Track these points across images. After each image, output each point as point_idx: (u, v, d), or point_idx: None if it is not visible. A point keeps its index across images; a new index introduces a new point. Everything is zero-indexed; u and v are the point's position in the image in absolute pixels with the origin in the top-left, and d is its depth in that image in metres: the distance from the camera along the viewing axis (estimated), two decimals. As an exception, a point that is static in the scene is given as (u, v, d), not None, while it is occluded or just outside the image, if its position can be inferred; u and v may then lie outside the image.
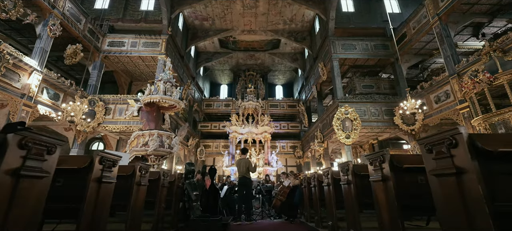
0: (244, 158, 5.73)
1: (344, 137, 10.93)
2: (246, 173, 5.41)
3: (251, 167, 5.57)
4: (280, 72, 24.12)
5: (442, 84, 9.31)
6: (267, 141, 17.63)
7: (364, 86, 13.13)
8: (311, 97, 17.75)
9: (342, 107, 11.13)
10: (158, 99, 10.00)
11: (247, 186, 5.42)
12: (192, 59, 18.94)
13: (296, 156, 20.14)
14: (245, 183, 5.39)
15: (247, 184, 5.45)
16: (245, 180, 5.40)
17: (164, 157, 10.19)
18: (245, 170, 5.43)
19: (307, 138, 18.21)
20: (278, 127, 20.46)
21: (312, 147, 15.73)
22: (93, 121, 10.73)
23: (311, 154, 17.35)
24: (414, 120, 10.69)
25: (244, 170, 5.44)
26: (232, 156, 17.42)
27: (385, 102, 11.61)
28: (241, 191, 5.44)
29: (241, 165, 5.55)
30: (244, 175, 5.42)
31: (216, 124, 21.15)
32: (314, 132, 15.50)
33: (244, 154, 6.03)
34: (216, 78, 25.23)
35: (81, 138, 10.70)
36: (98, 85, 11.86)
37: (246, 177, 5.40)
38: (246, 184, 5.41)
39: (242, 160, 5.67)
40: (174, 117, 13.98)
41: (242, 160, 5.70)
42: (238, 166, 5.63)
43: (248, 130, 18.00)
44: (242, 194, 5.41)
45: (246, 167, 5.45)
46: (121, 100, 11.36)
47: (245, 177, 5.40)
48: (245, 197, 5.36)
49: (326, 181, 4.27)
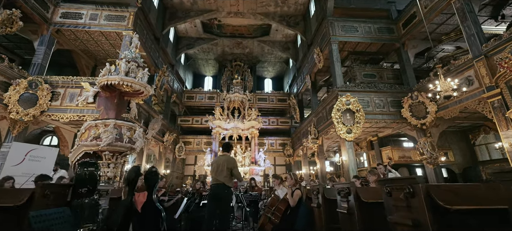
0: (226, 156, 3.73)
1: (345, 131, 9.26)
2: (227, 179, 3.40)
3: (236, 170, 3.56)
4: (269, 64, 22.32)
5: (463, 69, 7.80)
6: (254, 138, 15.81)
7: (365, 75, 11.55)
8: (304, 89, 16.07)
9: (343, 97, 9.45)
10: (118, 81, 7.91)
11: (224, 200, 3.32)
12: (171, 44, 16.74)
13: (286, 154, 18.46)
14: (221, 196, 3.30)
15: (225, 198, 3.36)
16: (223, 190, 3.33)
17: (124, 153, 8.09)
18: (226, 175, 3.40)
19: (299, 134, 16.54)
20: (266, 122, 18.67)
21: (305, 144, 14.05)
22: (34, 108, 8.43)
23: (303, 152, 15.69)
24: (426, 112, 9.18)
25: (225, 173, 3.41)
26: (215, 153, 15.48)
27: (391, 93, 10.05)
28: (212, 208, 3.32)
29: (220, 165, 3.51)
30: (222, 183, 3.37)
31: (198, 118, 19.07)
32: (307, 127, 13.82)
33: (227, 151, 3.89)
34: (199, 68, 23.07)
35: (17, 129, 8.40)
36: (45, 65, 9.52)
37: (225, 185, 3.37)
38: (223, 198, 3.32)
39: (223, 158, 3.63)
40: (145, 107, 11.84)
41: (222, 158, 3.66)
42: (216, 167, 3.56)
43: (234, 125, 16.11)
44: (214, 212, 3.31)
45: (228, 169, 3.46)
46: (72, 83, 9.12)
47: (224, 185, 3.36)
48: (221, 219, 3.26)
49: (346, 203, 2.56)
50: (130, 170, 2.53)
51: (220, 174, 3.42)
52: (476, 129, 12.41)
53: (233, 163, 3.61)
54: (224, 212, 3.33)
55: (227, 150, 3.94)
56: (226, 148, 4.00)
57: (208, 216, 3.31)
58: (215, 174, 3.48)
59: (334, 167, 19.25)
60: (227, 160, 3.58)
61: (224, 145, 4.02)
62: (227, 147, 4.01)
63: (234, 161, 3.70)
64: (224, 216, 3.33)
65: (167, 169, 17.17)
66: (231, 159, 3.71)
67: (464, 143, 13.22)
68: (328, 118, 10.87)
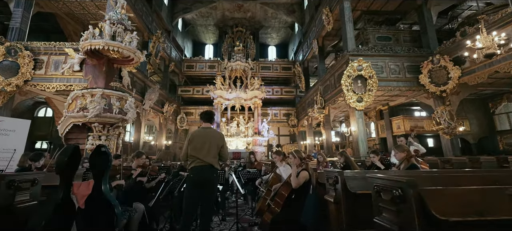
0: (212, 130, 2.86)
1: (355, 100, 8.45)
2: (216, 161, 2.65)
3: (226, 149, 2.78)
4: (273, 30, 20.84)
5: (500, 25, 6.67)
6: (258, 108, 15.12)
7: (379, 38, 10.39)
8: (310, 56, 14.95)
9: (354, 62, 8.48)
10: (102, 45, 7.11)
11: (211, 186, 2.56)
12: (166, 7, 15.43)
13: (290, 125, 17.87)
14: (208, 181, 2.54)
15: (213, 183, 2.60)
16: (211, 174, 2.57)
17: (115, 125, 7.53)
18: (215, 154, 2.65)
19: (304, 104, 15.77)
20: (270, 92, 17.84)
21: (310, 114, 13.34)
22: (16, 77, 7.76)
23: (308, 122, 15.06)
24: (447, 78, 8.22)
25: (214, 153, 2.64)
26: (217, 124, 14.97)
27: (408, 56, 9.01)
28: (195, 198, 2.52)
29: (206, 142, 2.67)
30: (210, 164, 2.58)
31: (199, 89, 18.32)
32: (313, 96, 13.00)
33: (209, 122, 2.90)
34: (199, 36, 21.75)
35: (1, 100, 7.81)
36: (25, 29, 8.63)
37: (214, 167, 2.60)
38: (211, 183, 2.56)
39: (210, 133, 2.78)
40: (139, 76, 11.08)
41: (208, 133, 2.78)
42: (200, 144, 2.65)
43: (236, 95, 15.36)
44: (196, 203, 2.54)
45: (218, 148, 2.70)
46: (56, 50, 8.32)
47: (212, 167, 2.59)
48: (204, 211, 2.52)
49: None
50: (60, 151, 1.87)
51: (207, 154, 2.59)
52: (498, 97, 11.42)
53: (223, 139, 2.80)
54: (209, 201, 2.55)
55: (209, 120, 2.91)
56: (208, 117, 2.91)
57: (188, 208, 2.46)
58: (199, 153, 2.57)
59: (341, 137, 18.71)
60: (215, 135, 2.75)
61: (205, 114, 2.92)
62: (209, 116, 2.92)
63: (223, 136, 2.87)
64: (208, 207, 2.53)
65: (169, 140, 16.88)
66: (219, 134, 2.86)
67: (481, 111, 12.32)
68: (336, 85, 10.01)
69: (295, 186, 2.42)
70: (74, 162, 1.87)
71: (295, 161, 2.59)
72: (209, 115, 2.95)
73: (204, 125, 2.91)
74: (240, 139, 14.99)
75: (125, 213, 2.41)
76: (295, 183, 2.43)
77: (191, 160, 2.65)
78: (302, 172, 2.51)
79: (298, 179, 2.45)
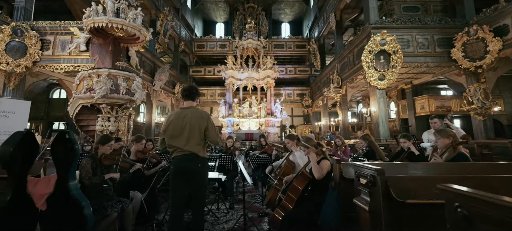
0: (194, 109, 2.25)
1: (377, 78, 7.73)
2: (200, 148, 2.11)
3: (213, 131, 2.17)
4: (287, 4, 19.67)
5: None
6: (270, 88, 14.57)
7: (405, 8, 9.34)
8: (327, 31, 13.97)
9: (377, 35, 7.66)
10: (105, 23, 6.78)
11: (197, 179, 2.06)
12: (174, -17, 14.73)
13: (304, 105, 17.26)
14: (192, 173, 2.04)
15: (198, 175, 2.07)
16: (195, 164, 2.06)
17: (124, 106, 7.35)
18: (198, 140, 2.11)
19: (319, 83, 15.03)
20: (283, 71, 17.15)
21: (326, 93, 12.67)
22: (24, 58, 7.65)
23: (323, 102, 14.39)
24: (485, 51, 7.27)
25: (196, 139, 2.10)
26: (229, 105, 14.67)
27: (440, 28, 8.04)
28: (180, 191, 2.05)
29: (186, 124, 2.13)
30: (193, 153, 2.07)
31: (210, 69, 17.92)
32: (329, 75, 12.25)
33: (191, 99, 2.30)
34: (209, 14, 20.99)
35: (13, 82, 7.80)
36: (30, 9, 8.42)
37: (198, 156, 2.08)
38: (196, 175, 2.05)
39: (190, 114, 2.18)
40: (148, 56, 10.77)
41: (189, 113, 2.18)
42: (178, 129, 2.12)
43: (248, 75, 14.82)
44: (182, 198, 2.05)
45: (198, 131, 2.12)
46: (61, 29, 8.09)
47: (195, 156, 2.07)
48: (193, 207, 2.06)
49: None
50: (6, 140, 1.55)
51: (188, 141, 2.05)
52: (540, 73, 10.17)
53: (207, 120, 2.16)
54: (197, 199, 2.04)
55: (190, 96, 2.27)
56: (190, 94, 2.27)
57: (174, 205, 2.03)
58: (177, 141, 2.05)
59: (358, 118, 17.91)
60: (195, 116, 2.11)
61: (184, 90, 2.28)
62: (188, 92, 2.27)
63: (208, 116, 2.21)
64: (197, 204, 2.04)
65: (181, 122, 16.87)
66: (201, 113, 2.18)
67: (518, 90, 11.13)
68: (355, 62, 9.25)
69: (318, 176, 1.98)
70: (27, 152, 1.54)
71: (310, 151, 2.15)
72: (189, 91, 2.26)
73: (184, 104, 2.27)
74: (253, 120, 14.65)
75: (116, 205, 2.13)
76: (318, 174, 1.99)
77: (171, 150, 2.13)
78: (323, 161, 2.07)
79: (321, 168, 2.01)
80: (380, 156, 3.31)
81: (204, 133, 2.14)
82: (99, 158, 2.27)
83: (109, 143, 2.34)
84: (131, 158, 2.83)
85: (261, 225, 2.82)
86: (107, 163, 2.28)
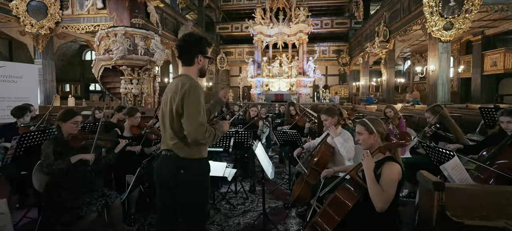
0: (177, 78, 1.35)
1: (441, 27, 6.07)
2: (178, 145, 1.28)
3: (190, 118, 1.23)
4: None
5: None
6: (303, 44, 13.12)
7: None
8: (374, -28, 11.56)
9: (448, -31, 5.80)
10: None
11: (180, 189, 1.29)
12: None
13: (341, 63, 15.55)
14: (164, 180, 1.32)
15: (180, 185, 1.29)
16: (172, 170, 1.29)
17: (144, 68, 6.96)
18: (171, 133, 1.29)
19: (360, 37, 13.10)
20: (318, 24, 15.25)
21: (368, 49, 10.96)
22: (46, 18, 7.47)
23: (363, 60, 12.66)
24: None
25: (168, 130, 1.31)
26: (258, 64, 13.72)
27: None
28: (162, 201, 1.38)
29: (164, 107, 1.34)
30: (170, 151, 1.31)
31: (237, 25, 16.69)
32: (374, 26, 10.40)
33: (185, 61, 1.36)
34: (236, -39, 18.85)
35: (41, 44, 7.80)
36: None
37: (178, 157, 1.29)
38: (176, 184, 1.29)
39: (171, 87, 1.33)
40: (170, 12, 10.02)
41: (172, 86, 1.33)
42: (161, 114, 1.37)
43: (278, 30, 13.41)
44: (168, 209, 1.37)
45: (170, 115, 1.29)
46: (78, -15, 7.60)
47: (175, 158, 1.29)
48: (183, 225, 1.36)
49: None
50: None
51: (164, 130, 1.37)
52: None
53: (181, 94, 1.24)
54: (188, 216, 1.36)
55: (184, 56, 1.37)
56: (182, 51, 1.38)
57: (161, 209, 1.42)
58: (162, 129, 1.40)
59: (406, 77, 15.74)
60: (171, 89, 1.32)
61: (178, 45, 1.38)
62: (182, 49, 1.37)
63: (188, 88, 1.25)
64: (189, 223, 1.35)
65: (209, 82, 16.55)
66: (179, 84, 1.29)
67: None
68: (411, 9, 7.49)
69: (380, 207, 1.15)
70: None
71: (370, 138, 1.32)
72: (179, 47, 1.37)
73: (181, 70, 1.42)
74: (283, 80, 13.65)
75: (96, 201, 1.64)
76: (384, 200, 1.16)
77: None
78: (391, 166, 1.22)
79: (385, 186, 1.17)
80: (458, 137, 2.34)
81: (174, 116, 1.27)
82: (66, 139, 1.75)
83: (72, 119, 1.73)
84: (124, 134, 2.33)
85: (286, 224, 2.19)
86: (76, 144, 1.76)
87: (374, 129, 1.38)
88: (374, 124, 1.39)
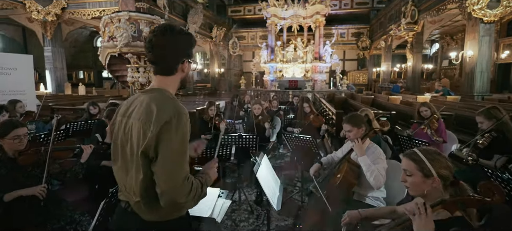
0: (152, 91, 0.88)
1: (485, 4, 5.19)
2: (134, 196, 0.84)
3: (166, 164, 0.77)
4: None
5: None
6: (319, 27, 12.28)
7: None
8: None
9: None
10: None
11: None
12: None
13: (360, 47, 14.54)
14: None
15: None
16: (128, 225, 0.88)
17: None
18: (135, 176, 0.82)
19: (383, 18, 12.04)
20: (336, 5, 14.18)
21: (392, 31, 10.01)
22: (52, 4, 7.25)
23: (386, 43, 11.67)
24: None
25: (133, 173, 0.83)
26: (271, 49, 13.06)
27: None
28: None
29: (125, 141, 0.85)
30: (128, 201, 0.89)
31: (250, 7, 15.92)
32: (400, 6, 9.39)
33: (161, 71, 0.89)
34: None
35: (49, 31, 7.66)
36: None
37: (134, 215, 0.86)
38: None
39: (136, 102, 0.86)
40: (179, -6, 9.53)
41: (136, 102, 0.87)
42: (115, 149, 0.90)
43: (293, 13, 12.56)
44: None
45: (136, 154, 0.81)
46: (81, -33, 7.27)
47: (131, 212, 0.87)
48: None
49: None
50: None
51: (126, 171, 0.86)
52: None
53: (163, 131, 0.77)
54: None
55: (167, 70, 0.89)
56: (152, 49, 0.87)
57: None
58: (116, 171, 0.92)
59: (434, 63, 14.50)
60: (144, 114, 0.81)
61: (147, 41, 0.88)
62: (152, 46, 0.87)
63: (176, 120, 0.78)
64: None
65: (221, 68, 16.12)
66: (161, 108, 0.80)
67: None
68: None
69: None
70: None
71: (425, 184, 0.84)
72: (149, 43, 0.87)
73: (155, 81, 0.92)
74: (298, 65, 12.94)
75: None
76: None
77: None
78: None
79: None
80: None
81: (147, 157, 0.81)
82: (12, 156, 1.43)
83: (10, 133, 1.36)
84: (106, 140, 1.98)
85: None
86: (26, 162, 1.42)
87: (433, 171, 0.89)
88: (435, 161, 0.91)
